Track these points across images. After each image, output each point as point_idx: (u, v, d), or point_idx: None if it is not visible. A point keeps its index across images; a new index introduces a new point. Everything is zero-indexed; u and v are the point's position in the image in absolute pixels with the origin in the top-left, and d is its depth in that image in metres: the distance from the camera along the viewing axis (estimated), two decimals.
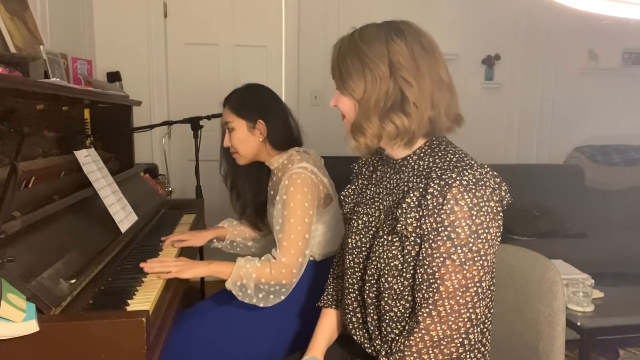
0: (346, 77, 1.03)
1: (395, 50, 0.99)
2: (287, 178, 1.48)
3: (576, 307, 1.98)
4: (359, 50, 1.01)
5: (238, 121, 1.59)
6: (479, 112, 3.64)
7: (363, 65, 1.00)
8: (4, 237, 1.00)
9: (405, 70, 0.98)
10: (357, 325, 1.16)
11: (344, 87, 1.04)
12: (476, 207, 0.92)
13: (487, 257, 0.95)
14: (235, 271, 1.41)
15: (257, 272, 1.41)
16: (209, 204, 2.43)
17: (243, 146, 1.60)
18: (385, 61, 0.99)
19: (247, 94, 1.63)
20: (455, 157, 1.00)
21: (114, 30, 3.11)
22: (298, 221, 1.44)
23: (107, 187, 1.55)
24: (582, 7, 1.26)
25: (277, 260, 1.43)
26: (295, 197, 1.45)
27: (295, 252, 1.43)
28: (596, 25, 2.90)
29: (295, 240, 1.44)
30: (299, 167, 1.50)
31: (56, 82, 1.51)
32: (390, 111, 0.99)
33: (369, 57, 1.00)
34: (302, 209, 1.45)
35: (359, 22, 1.09)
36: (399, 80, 0.98)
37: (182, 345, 1.50)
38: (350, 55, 1.02)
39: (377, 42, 1.01)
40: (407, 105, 0.99)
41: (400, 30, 1.02)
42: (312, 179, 1.49)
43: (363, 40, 1.02)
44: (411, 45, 1.01)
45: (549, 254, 1.25)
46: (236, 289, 1.41)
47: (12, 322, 0.89)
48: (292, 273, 1.43)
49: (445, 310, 0.95)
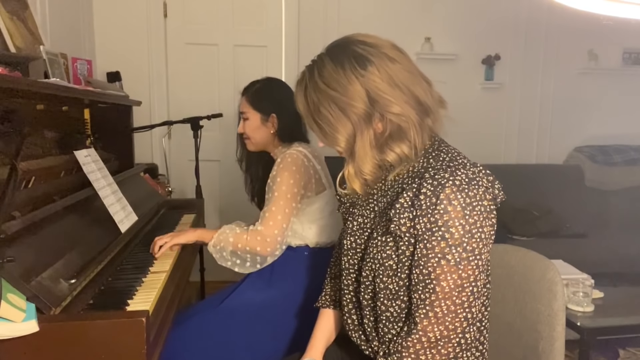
0: (331, 131, 0.99)
1: (370, 83, 0.96)
2: (280, 157, 1.57)
3: (576, 307, 1.98)
4: (332, 97, 0.97)
5: (253, 112, 1.67)
6: (479, 112, 3.63)
7: (343, 112, 0.97)
8: (4, 237, 1.00)
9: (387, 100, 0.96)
10: (354, 327, 1.16)
11: (333, 141, 1.01)
12: (469, 207, 0.92)
13: (481, 256, 0.95)
14: (217, 236, 1.54)
15: (235, 238, 1.51)
16: (209, 204, 2.43)
17: (255, 135, 1.69)
18: (364, 99, 0.96)
19: (265, 88, 1.71)
20: (448, 157, 1.01)
21: (114, 30, 3.11)
22: (281, 195, 1.51)
23: (107, 187, 1.55)
24: (582, 7, 1.26)
25: (254, 228, 1.52)
26: (282, 174, 1.53)
27: (274, 223, 1.50)
28: (596, 25, 2.90)
29: (275, 212, 1.51)
30: (294, 149, 1.59)
31: (56, 82, 1.52)
32: (388, 141, 0.99)
33: (347, 102, 0.96)
34: (287, 185, 1.52)
35: (359, 22, 1.10)
36: (385, 114, 0.96)
37: (182, 345, 1.50)
38: (324, 105, 0.98)
39: (348, 83, 0.96)
40: (404, 133, 0.98)
41: (359, 57, 0.97)
42: (303, 160, 1.56)
43: (329, 85, 0.97)
44: (381, 68, 0.97)
45: (549, 254, 1.25)
46: (215, 251, 1.53)
47: (12, 322, 0.89)
48: (267, 242, 1.49)
49: (442, 311, 0.95)
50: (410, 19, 3.40)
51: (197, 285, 2.55)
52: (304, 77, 1.04)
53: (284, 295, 1.57)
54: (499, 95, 3.73)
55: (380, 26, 2.53)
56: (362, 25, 1.05)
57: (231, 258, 1.53)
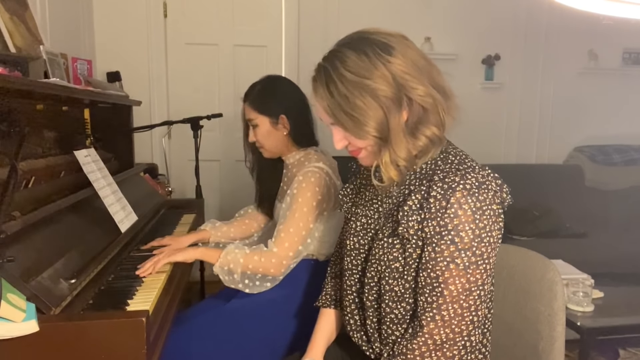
0: (364, 119, 0.95)
1: (396, 67, 0.94)
2: (302, 174, 1.49)
3: (576, 307, 1.98)
4: (363, 86, 0.94)
5: (261, 118, 1.58)
6: (479, 112, 3.64)
7: (375, 98, 0.94)
8: (4, 237, 1.00)
9: (413, 82, 0.95)
10: (356, 327, 1.16)
11: (364, 131, 0.97)
12: (479, 211, 0.92)
13: (489, 260, 0.95)
14: (224, 256, 1.43)
15: (245, 259, 1.42)
16: (209, 204, 2.43)
17: (268, 141, 1.61)
18: (391, 83, 0.94)
19: (267, 89, 1.61)
20: (457, 159, 1.00)
21: (114, 30, 3.11)
22: (301, 217, 1.45)
23: (107, 187, 1.55)
24: (582, 7, 1.26)
25: (269, 250, 1.45)
26: (305, 194, 1.46)
27: (290, 245, 1.45)
28: (596, 25, 2.90)
29: (292, 234, 1.45)
30: (315, 165, 1.51)
31: (56, 82, 1.51)
32: (418, 125, 0.97)
33: (377, 88, 0.93)
34: (308, 207, 1.46)
35: (359, 21, 1.09)
36: (412, 96, 0.95)
37: (182, 345, 1.50)
38: (355, 94, 0.94)
39: (375, 69, 0.94)
40: (430, 115, 0.97)
41: (381, 44, 0.96)
42: (325, 180, 1.50)
43: (358, 74, 0.94)
44: (404, 53, 0.96)
45: (549, 254, 1.25)
46: (223, 273, 1.44)
47: (12, 322, 0.89)
48: (282, 264, 1.44)
49: (449, 314, 0.95)
50: (410, 18, 3.39)
51: (197, 285, 2.55)
52: (322, 71, 0.99)
53: (286, 295, 1.57)
54: (499, 95, 3.73)
55: (380, 26, 2.52)
56: (362, 25, 1.04)
57: (242, 280, 1.44)
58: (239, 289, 1.45)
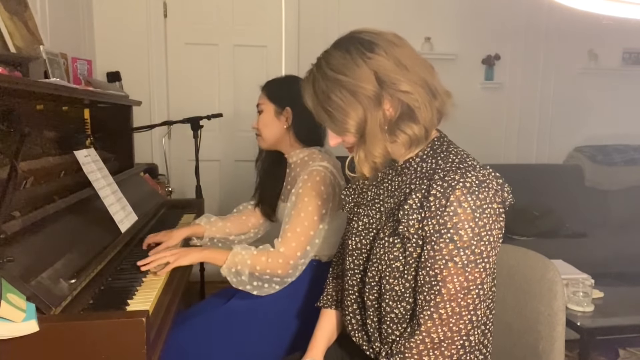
0: (342, 117, 0.98)
1: (378, 64, 0.95)
2: (307, 173, 1.49)
3: (576, 307, 1.98)
4: (342, 83, 0.96)
5: (267, 104, 1.62)
6: (479, 112, 3.64)
7: (354, 95, 0.96)
8: (4, 237, 1.00)
9: (396, 79, 0.95)
10: (357, 327, 1.16)
11: (344, 127, 0.99)
12: (479, 210, 0.92)
13: (489, 259, 0.95)
14: (231, 257, 1.41)
15: (253, 259, 1.41)
16: (209, 204, 2.43)
17: (266, 129, 1.62)
18: (372, 81, 0.95)
19: (285, 81, 1.67)
20: (458, 158, 1.00)
21: (114, 30, 3.11)
22: (307, 216, 1.44)
23: (107, 187, 1.55)
24: (582, 7, 1.26)
25: (275, 250, 1.44)
26: (310, 193, 1.45)
27: (297, 245, 1.43)
28: (596, 25, 2.91)
29: (299, 234, 1.44)
30: (320, 164, 1.51)
31: (56, 82, 1.51)
32: (399, 122, 0.97)
33: (356, 85, 0.95)
34: (314, 206, 1.45)
35: (359, 22, 1.09)
36: (395, 94, 0.95)
37: (182, 345, 1.50)
38: (334, 92, 0.97)
39: (356, 66, 0.96)
40: (414, 113, 0.97)
41: (365, 42, 0.97)
42: (330, 179, 1.50)
43: (339, 71, 0.96)
44: (388, 50, 0.97)
45: (549, 254, 1.25)
46: (231, 275, 1.42)
47: (12, 322, 0.89)
48: (289, 264, 1.43)
49: (447, 313, 0.95)
50: (410, 18, 3.40)
51: (197, 285, 2.55)
52: (311, 72, 1.03)
53: (287, 295, 1.56)
54: (499, 95, 3.74)
55: (380, 26, 2.53)
56: (362, 25, 1.05)
57: (250, 282, 1.42)
58: (248, 290, 1.43)
